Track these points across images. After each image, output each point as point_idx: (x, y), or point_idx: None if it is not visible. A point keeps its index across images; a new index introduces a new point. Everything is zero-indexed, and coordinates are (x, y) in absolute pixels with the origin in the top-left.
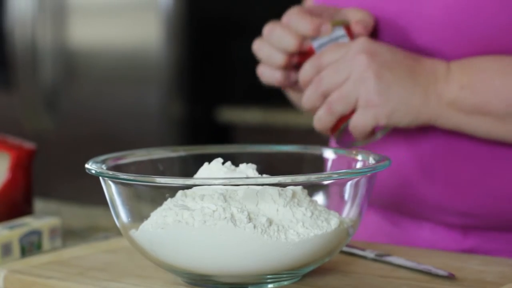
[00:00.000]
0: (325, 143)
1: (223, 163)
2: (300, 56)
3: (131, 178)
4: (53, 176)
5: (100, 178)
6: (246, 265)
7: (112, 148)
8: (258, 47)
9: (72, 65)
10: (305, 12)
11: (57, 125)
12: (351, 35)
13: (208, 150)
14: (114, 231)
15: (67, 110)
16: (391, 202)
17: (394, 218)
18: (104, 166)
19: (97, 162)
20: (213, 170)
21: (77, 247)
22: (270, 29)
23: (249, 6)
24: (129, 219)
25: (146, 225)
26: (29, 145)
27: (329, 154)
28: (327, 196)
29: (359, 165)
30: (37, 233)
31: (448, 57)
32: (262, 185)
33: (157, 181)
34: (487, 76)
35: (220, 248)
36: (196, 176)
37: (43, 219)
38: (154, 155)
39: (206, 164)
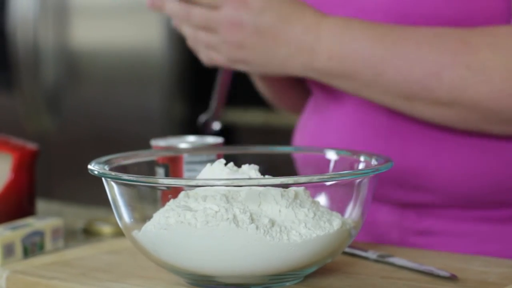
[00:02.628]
0: None
1: (225, 164)
2: None
3: (134, 179)
4: (55, 177)
5: (103, 179)
6: (249, 266)
7: (114, 149)
8: None
9: (74, 66)
10: None
11: (59, 126)
12: None
13: (211, 151)
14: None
15: (69, 111)
16: None
17: None
18: (106, 167)
19: (99, 163)
20: (216, 171)
21: (79, 248)
22: None
23: None
24: (132, 220)
25: (149, 226)
26: (31, 146)
27: (331, 155)
28: (330, 197)
29: (361, 166)
30: (40, 233)
31: None
32: (265, 186)
33: (160, 182)
34: (357, 45)
35: (222, 249)
36: (198, 177)
37: (46, 219)
38: (156, 156)
39: (208, 165)
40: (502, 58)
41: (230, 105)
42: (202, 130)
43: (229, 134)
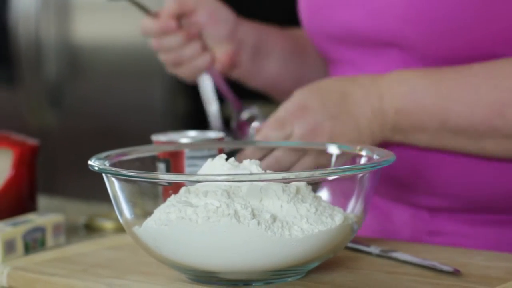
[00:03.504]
0: None
1: (226, 159)
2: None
3: (134, 174)
4: (57, 172)
5: (103, 174)
6: (250, 262)
7: (117, 143)
8: None
9: (76, 60)
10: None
11: (61, 121)
12: None
13: (212, 146)
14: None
15: (71, 106)
16: None
17: None
18: (107, 163)
19: (100, 159)
20: (217, 166)
21: (80, 244)
22: None
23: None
24: (133, 215)
25: (150, 221)
26: (32, 141)
27: (333, 149)
28: (331, 192)
29: (363, 160)
30: (41, 229)
31: (412, 44)
32: (266, 181)
33: (160, 178)
34: (417, 97)
35: (223, 245)
36: (199, 172)
37: (47, 215)
38: (157, 151)
39: (209, 160)
40: None
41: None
42: (238, 132)
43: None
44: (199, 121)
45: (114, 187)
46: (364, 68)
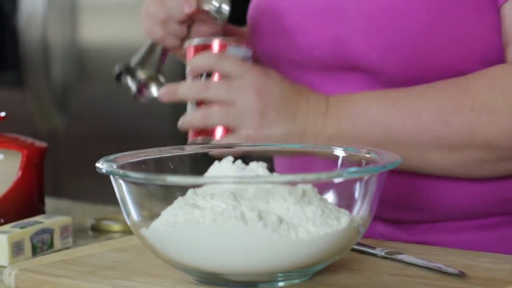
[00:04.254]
0: None
1: (233, 162)
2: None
3: (142, 177)
4: (64, 174)
5: (111, 177)
6: (257, 264)
7: (124, 146)
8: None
9: (83, 64)
10: None
11: (68, 124)
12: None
13: (218, 148)
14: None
15: (78, 108)
16: None
17: None
18: (114, 165)
19: (108, 161)
20: (224, 168)
21: (88, 246)
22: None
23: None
24: (140, 217)
25: (157, 223)
26: (40, 143)
27: (339, 152)
28: (337, 194)
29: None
30: (48, 231)
31: (378, 68)
32: (273, 183)
33: (168, 180)
34: (363, 104)
35: (230, 247)
36: (206, 174)
37: (54, 218)
38: (164, 154)
39: (216, 162)
40: (501, 97)
41: None
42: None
43: None
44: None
45: (122, 189)
46: (323, 90)
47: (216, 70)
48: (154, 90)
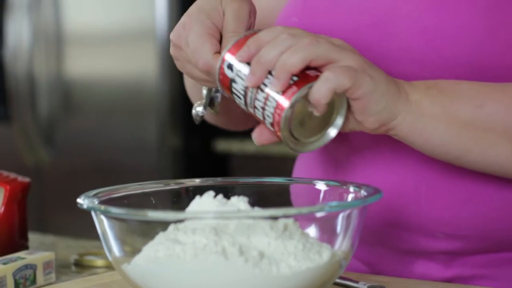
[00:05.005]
0: None
1: (214, 196)
2: None
3: (123, 212)
4: (50, 209)
5: (92, 212)
6: None
7: (110, 180)
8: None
9: (69, 97)
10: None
11: (54, 158)
12: None
13: (200, 183)
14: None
15: (64, 143)
16: (373, 232)
17: (374, 252)
18: (96, 200)
19: (89, 197)
20: (205, 203)
21: (70, 282)
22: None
23: None
24: (121, 253)
25: (138, 259)
26: (23, 179)
27: (321, 186)
28: (319, 228)
29: (350, 197)
30: (31, 267)
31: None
32: (254, 218)
33: (149, 216)
34: (453, 81)
35: (212, 282)
36: (187, 210)
37: (37, 253)
38: (146, 189)
39: (197, 197)
40: None
41: (224, 135)
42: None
43: (225, 163)
44: (193, 158)
45: (103, 225)
46: None
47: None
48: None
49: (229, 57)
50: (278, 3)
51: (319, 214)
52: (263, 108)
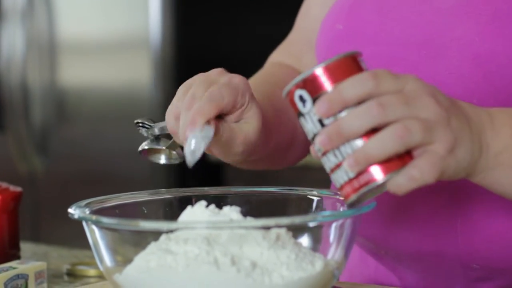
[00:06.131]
0: (313, 182)
1: (206, 206)
2: None
3: (114, 222)
4: (44, 218)
5: (83, 222)
6: None
7: (104, 189)
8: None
9: (63, 106)
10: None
11: (48, 167)
12: None
13: (192, 192)
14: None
15: (58, 151)
16: (412, 257)
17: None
18: (87, 210)
19: (80, 207)
20: (197, 213)
21: None
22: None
23: (238, 46)
24: (113, 263)
25: (130, 269)
26: (15, 188)
27: (314, 195)
28: (312, 238)
29: (344, 206)
30: (23, 277)
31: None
32: (246, 228)
33: (141, 226)
34: None
35: None
36: (179, 219)
37: (29, 263)
38: (138, 198)
39: (189, 207)
40: None
41: None
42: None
43: (219, 171)
44: (186, 167)
45: (95, 235)
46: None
47: (378, 93)
48: (163, 158)
49: (302, 86)
50: (322, 11)
51: (311, 224)
52: (332, 171)
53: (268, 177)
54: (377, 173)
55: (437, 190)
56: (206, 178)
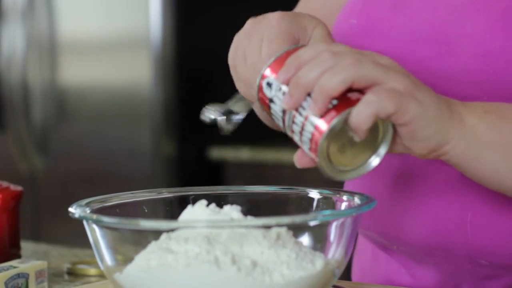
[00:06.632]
0: (315, 180)
1: (207, 205)
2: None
3: (115, 221)
4: (44, 216)
5: (84, 221)
6: None
7: (104, 188)
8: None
9: (63, 105)
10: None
11: (48, 166)
12: None
13: (193, 191)
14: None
15: (59, 150)
16: (422, 252)
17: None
18: (88, 209)
19: (81, 206)
20: (197, 212)
21: None
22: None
23: None
24: (113, 262)
25: (130, 268)
26: (15, 187)
27: (314, 194)
28: (312, 237)
29: (344, 205)
30: (23, 276)
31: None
32: (247, 227)
33: (141, 225)
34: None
35: None
36: (180, 218)
37: (30, 262)
38: (138, 197)
39: (190, 206)
40: None
41: (218, 143)
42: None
43: (219, 171)
44: (187, 166)
45: (95, 234)
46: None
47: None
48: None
49: (268, 74)
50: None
51: (312, 223)
52: (301, 133)
53: (268, 177)
54: (336, 111)
55: (449, 185)
56: (206, 177)
